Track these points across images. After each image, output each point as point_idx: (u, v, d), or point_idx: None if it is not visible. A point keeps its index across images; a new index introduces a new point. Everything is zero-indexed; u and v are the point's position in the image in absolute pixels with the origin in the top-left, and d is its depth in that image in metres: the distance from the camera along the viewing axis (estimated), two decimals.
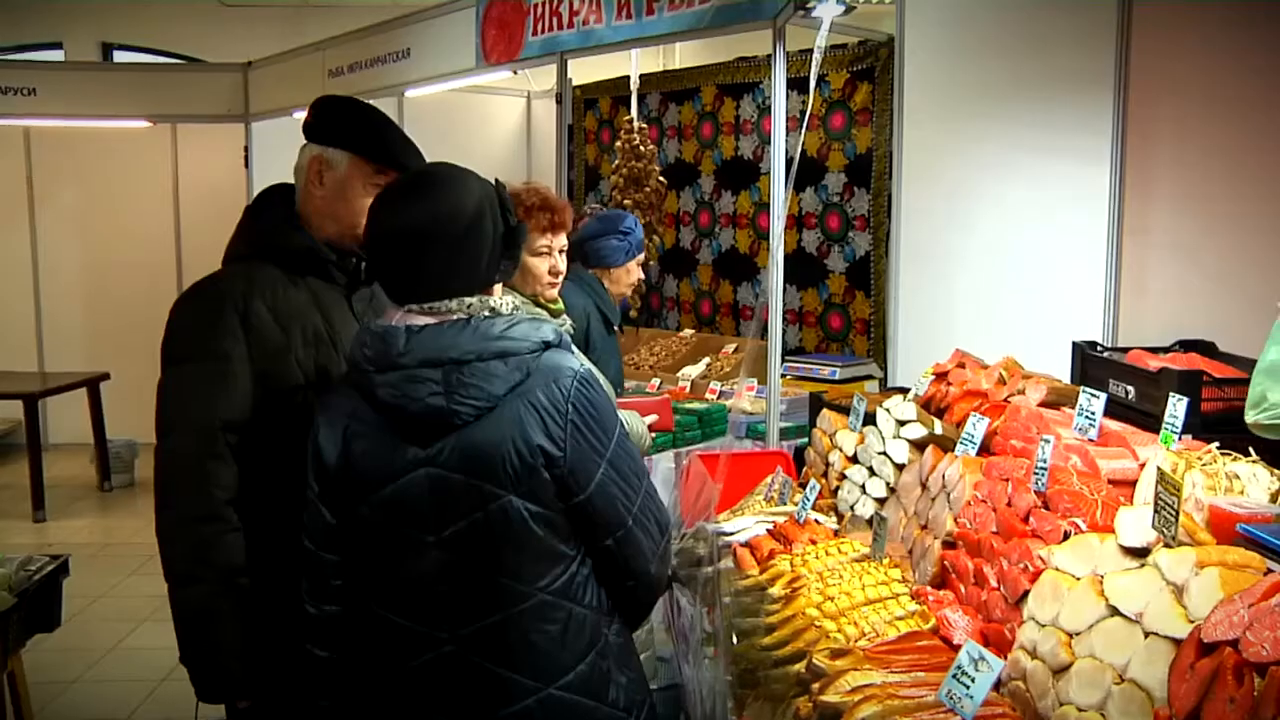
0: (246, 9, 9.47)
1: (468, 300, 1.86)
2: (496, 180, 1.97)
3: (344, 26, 7.64)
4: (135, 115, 8.74)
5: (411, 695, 1.88)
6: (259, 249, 2.34)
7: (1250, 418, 2.27)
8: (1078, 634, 1.81)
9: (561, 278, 3.01)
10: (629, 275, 4.15)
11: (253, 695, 2.22)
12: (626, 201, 6.16)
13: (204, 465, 2.16)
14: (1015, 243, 4.32)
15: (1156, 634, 1.65)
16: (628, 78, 6.71)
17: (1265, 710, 1.37)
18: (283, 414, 2.22)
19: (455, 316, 1.85)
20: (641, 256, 4.21)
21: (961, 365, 3.12)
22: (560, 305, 3.09)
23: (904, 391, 3.22)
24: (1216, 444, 2.21)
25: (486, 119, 8.21)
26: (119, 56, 9.96)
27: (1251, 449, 2.16)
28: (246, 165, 8.41)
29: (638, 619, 2.08)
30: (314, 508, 1.95)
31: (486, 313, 1.87)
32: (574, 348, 2.01)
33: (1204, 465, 2.12)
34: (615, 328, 4.10)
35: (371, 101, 2.45)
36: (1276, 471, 2.06)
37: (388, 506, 1.84)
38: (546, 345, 1.86)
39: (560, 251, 3.03)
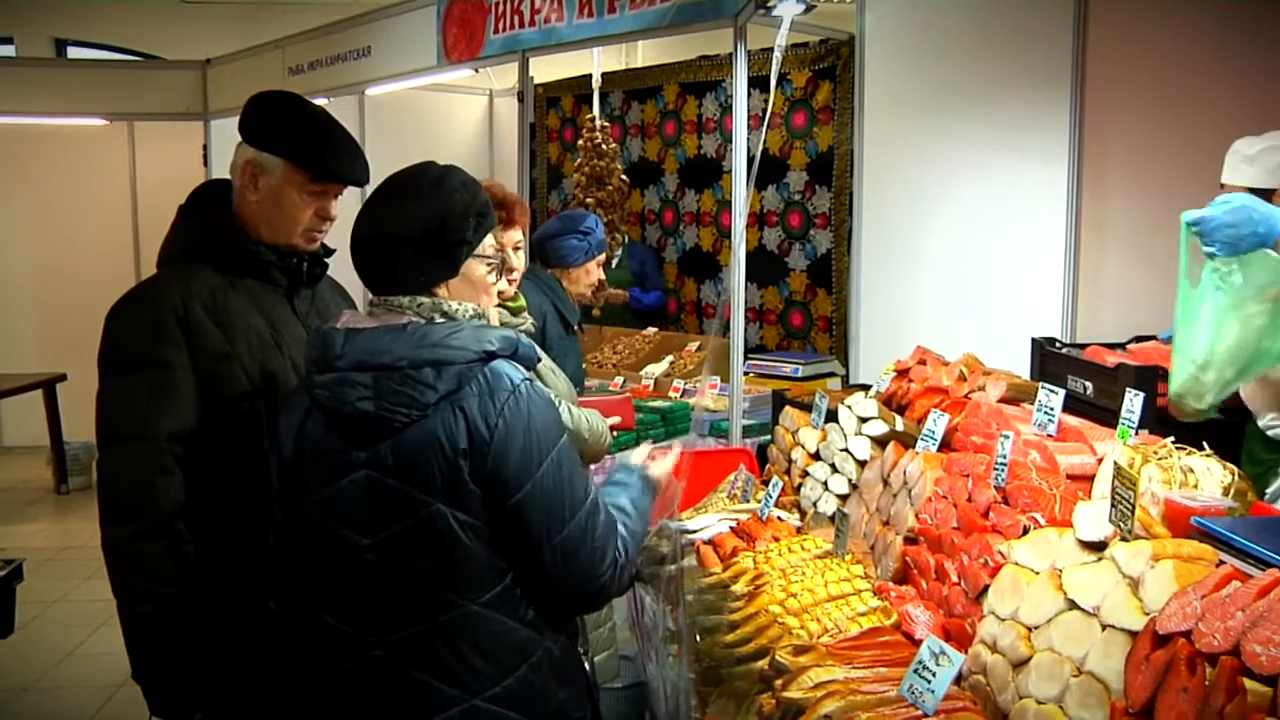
0: (205, 5, 9.39)
1: (420, 300, 1.85)
2: (467, 182, 1.94)
3: (304, 24, 7.57)
4: (91, 113, 8.62)
5: (341, 698, 1.87)
6: (195, 251, 2.26)
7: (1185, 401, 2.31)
8: (1037, 627, 1.82)
9: (518, 274, 2.97)
10: (588, 275, 4.13)
11: (206, 708, 2.18)
12: (589, 200, 6.16)
13: (150, 479, 2.10)
14: (975, 240, 4.36)
15: (1113, 626, 1.67)
16: (590, 76, 6.71)
17: (1216, 699, 1.39)
18: (229, 420, 2.17)
19: (405, 318, 1.83)
20: (602, 257, 4.19)
21: (922, 362, 3.14)
22: (521, 303, 3.06)
23: (866, 388, 3.23)
24: (1172, 438, 2.23)
25: (448, 117, 8.17)
26: (73, 53, 9.82)
27: (1205, 443, 2.19)
28: (206, 164, 8.32)
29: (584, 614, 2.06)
30: (275, 503, 1.94)
31: (438, 316, 1.85)
32: (536, 350, 1.97)
33: (1160, 459, 2.14)
34: (575, 327, 4.07)
35: (332, 99, 2.40)
36: (1229, 465, 2.09)
37: (327, 505, 1.83)
38: (490, 355, 1.82)
39: (515, 249, 2.99)
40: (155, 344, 2.13)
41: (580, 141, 6.40)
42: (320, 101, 6.68)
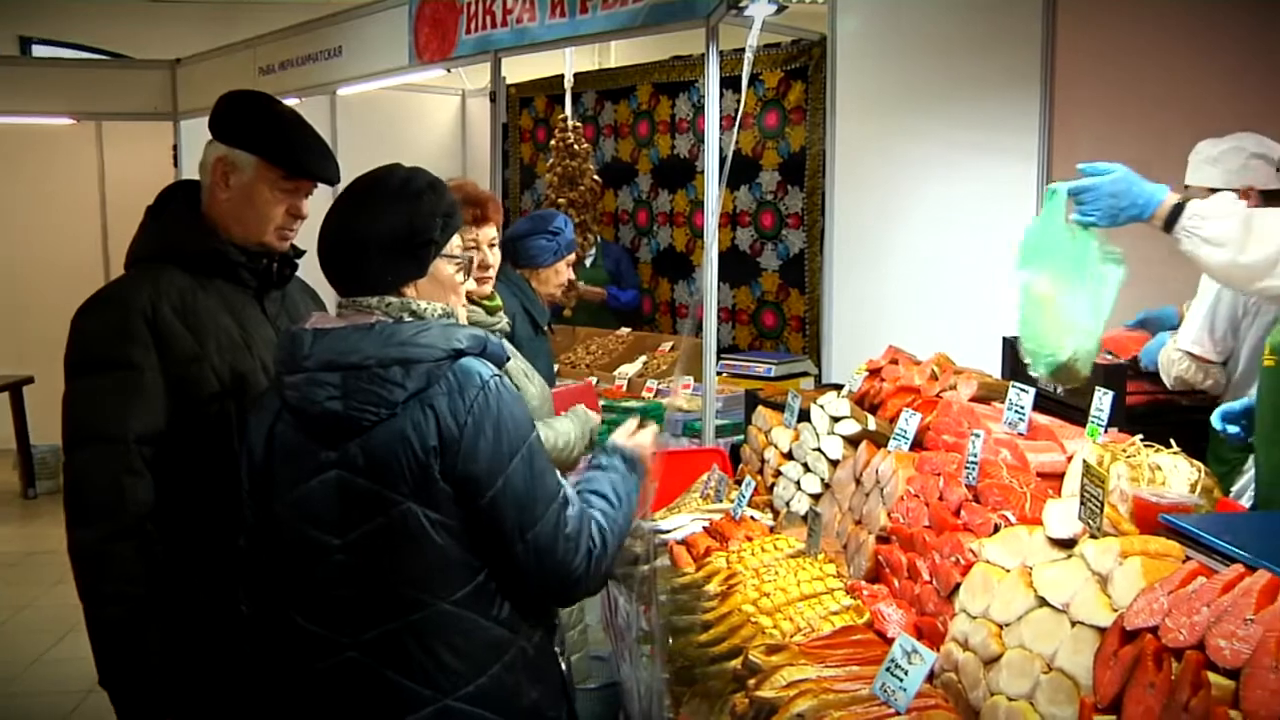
0: (174, 4, 9.29)
1: (388, 300, 1.85)
2: (434, 183, 1.94)
3: (275, 23, 7.52)
4: (58, 112, 8.51)
5: (313, 700, 1.86)
6: (163, 252, 2.23)
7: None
8: (1008, 625, 1.83)
9: (493, 271, 2.94)
10: (558, 276, 4.09)
11: (176, 713, 2.15)
12: (561, 200, 6.15)
13: (119, 482, 2.07)
14: (946, 239, 4.39)
15: (1083, 623, 1.68)
16: (563, 76, 6.70)
17: (1181, 693, 1.40)
18: (199, 422, 2.15)
19: (374, 318, 1.83)
20: (571, 257, 4.15)
21: (894, 361, 3.16)
22: (497, 302, 3.04)
23: (838, 388, 3.24)
24: (1140, 436, 2.25)
25: (421, 118, 8.14)
26: (38, 51, 9.69)
27: (1173, 440, 2.21)
28: (176, 164, 8.25)
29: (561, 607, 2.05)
30: (246, 505, 1.93)
31: (406, 316, 1.85)
32: (505, 348, 1.97)
33: (1128, 457, 2.16)
34: (545, 328, 4.06)
35: (304, 99, 2.39)
36: (1196, 463, 2.11)
37: (298, 506, 1.83)
38: (459, 353, 1.82)
39: (490, 245, 2.97)
40: (123, 345, 2.11)
41: (553, 142, 6.39)
42: (291, 102, 6.67)
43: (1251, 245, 2.16)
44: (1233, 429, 2.57)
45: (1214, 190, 2.83)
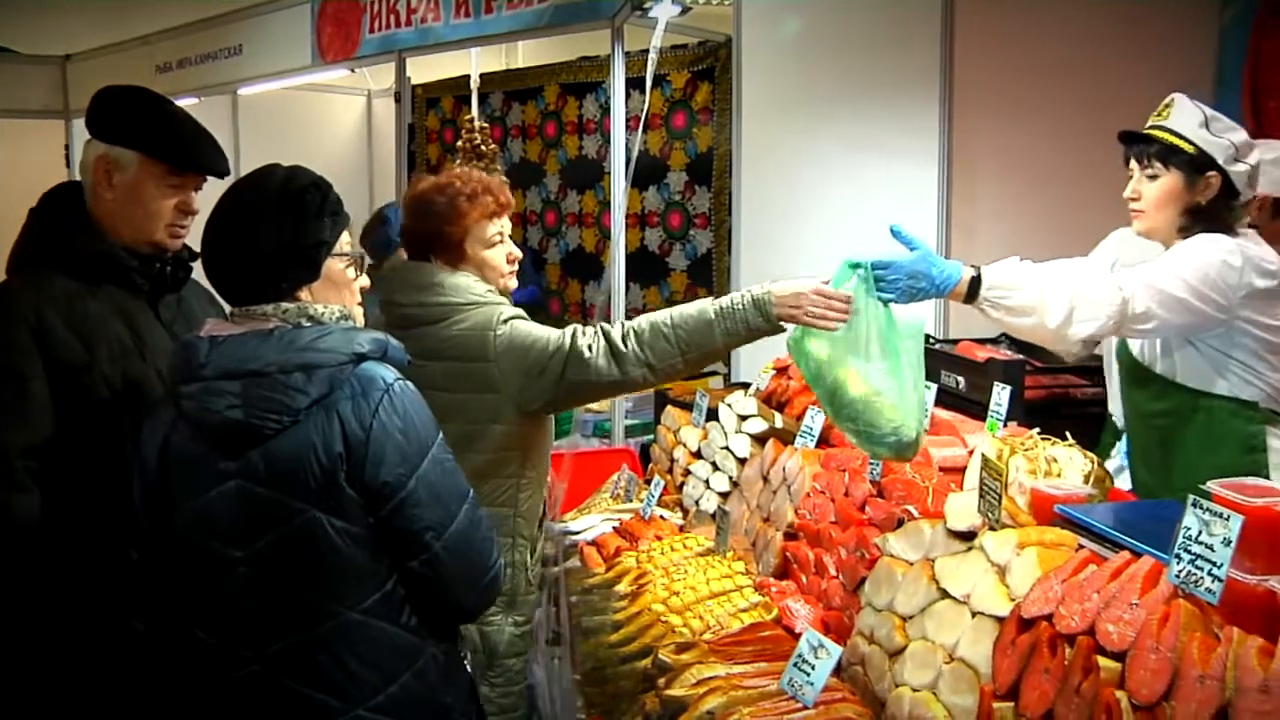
0: None
1: (284, 306, 1.81)
2: (318, 181, 1.89)
3: (172, 20, 7.31)
4: None
5: (219, 717, 1.82)
6: (47, 256, 2.14)
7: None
8: (911, 617, 1.87)
9: (519, 263, 2.66)
10: None
11: None
12: None
13: (4, 498, 1.99)
14: (850, 239, 4.42)
15: (982, 613, 1.72)
16: (469, 77, 6.65)
17: (1074, 677, 1.45)
18: (89, 432, 2.07)
19: (271, 325, 1.79)
20: None
21: None
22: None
23: (746, 387, 3.27)
24: (1037, 429, 2.31)
25: (325, 118, 8.01)
26: None
27: (1068, 433, 2.27)
28: (68, 165, 7.99)
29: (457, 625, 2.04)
30: (140, 518, 1.87)
31: (304, 321, 1.81)
32: (404, 351, 1.92)
33: (1026, 450, 2.21)
34: None
35: (203, 99, 2.31)
36: (1090, 454, 2.17)
37: (198, 519, 1.77)
38: (361, 357, 1.79)
39: (510, 237, 2.68)
40: (5, 354, 2.03)
41: (459, 143, 6.33)
42: (190, 101, 6.53)
43: (1050, 309, 2.25)
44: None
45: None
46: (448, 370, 2.33)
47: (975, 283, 2.28)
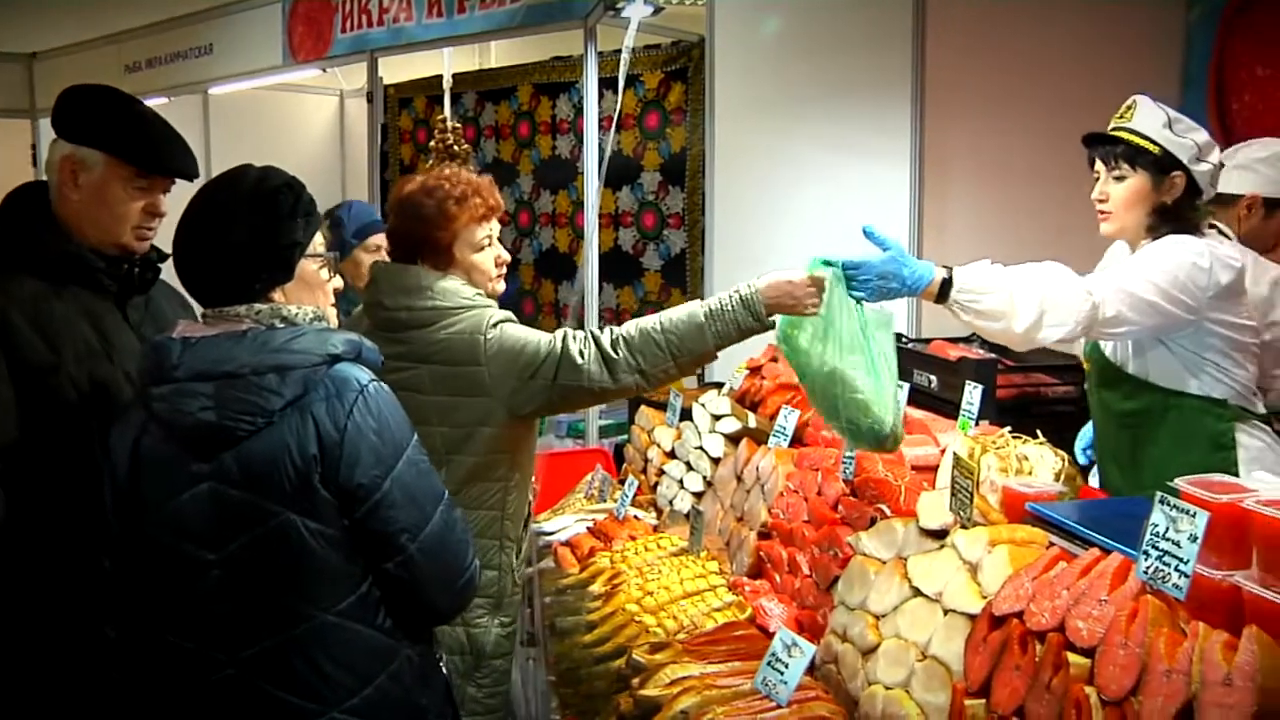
0: None
1: (257, 307, 1.79)
2: (290, 182, 1.88)
3: (142, 18, 7.25)
4: None
5: None
6: (12, 257, 2.10)
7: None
8: (884, 616, 1.88)
9: (506, 266, 2.60)
10: (358, 267, 3.64)
11: None
12: None
13: None
14: (823, 238, 4.44)
15: (954, 611, 1.73)
16: (442, 77, 6.63)
17: (1044, 673, 1.46)
18: (56, 435, 2.04)
19: (244, 326, 1.78)
20: (378, 240, 3.68)
21: (774, 359, 3.20)
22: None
23: (719, 387, 3.28)
24: (1008, 428, 2.33)
25: (297, 118, 7.96)
26: None
27: (1039, 431, 2.29)
28: (35, 164, 7.91)
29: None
30: (108, 523, 1.85)
31: (278, 322, 1.80)
32: (378, 352, 1.91)
33: (997, 449, 2.23)
34: None
35: (173, 99, 2.26)
36: (1060, 452, 2.19)
37: (170, 522, 1.76)
38: (335, 358, 1.77)
39: (498, 239, 2.61)
40: None
41: (432, 143, 6.32)
42: (160, 101, 6.48)
43: (1019, 315, 2.28)
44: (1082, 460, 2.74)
45: (1237, 197, 2.90)
46: (437, 374, 2.31)
47: (946, 284, 2.30)
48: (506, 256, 2.55)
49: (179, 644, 1.78)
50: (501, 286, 2.55)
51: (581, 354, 2.24)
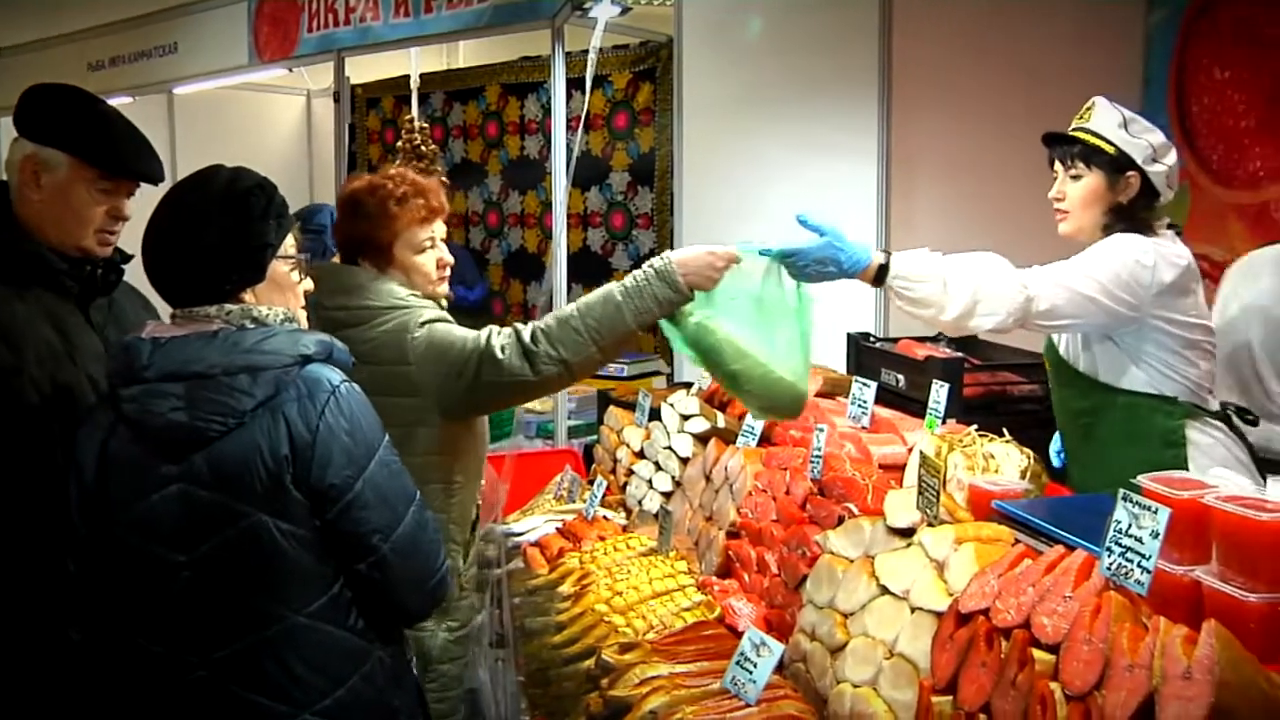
0: None
1: (227, 308, 1.78)
2: (262, 183, 1.87)
3: (105, 16, 7.17)
4: None
5: None
6: None
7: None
8: (852, 614, 1.88)
9: (450, 269, 2.61)
10: None
11: None
12: None
13: None
14: (792, 237, 4.47)
15: (921, 609, 1.74)
16: (410, 76, 6.61)
17: (1010, 670, 1.47)
18: (18, 438, 2.01)
19: (214, 326, 1.76)
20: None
21: None
22: (445, 305, 2.82)
23: (688, 386, 3.28)
24: (975, 426, 2.34)
25: (264, 118, 7.90)
26: None
27: (1005, 429, 2.30)
28: None
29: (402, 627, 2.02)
30: (73, 526, 1.83)
31: (248, 323, 1.79)
32: (349, 353, 1.90)
33: (964, 447, 2.24)
34: None
35: (137, 99, 2.23)
36: (1026, 450, 2.21)
37: (139, 524, 1.75)
38: (306, 359, 1.77)
39: (444, 241, 2.63)
40: None
41: (399, 143, 6.30)
42: (124, 100, 6.42)
43: (950, 303, 2.33)
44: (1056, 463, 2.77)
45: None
46: (370, 374, 2.30)
47: (884, 269, 2.36)
48: (450, 259, 2.56)
49: (149, 647, 1.77)
50: (444, 289, 2.55)
51: (503, 349, 2.23)
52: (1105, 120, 2.47)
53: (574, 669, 2.23)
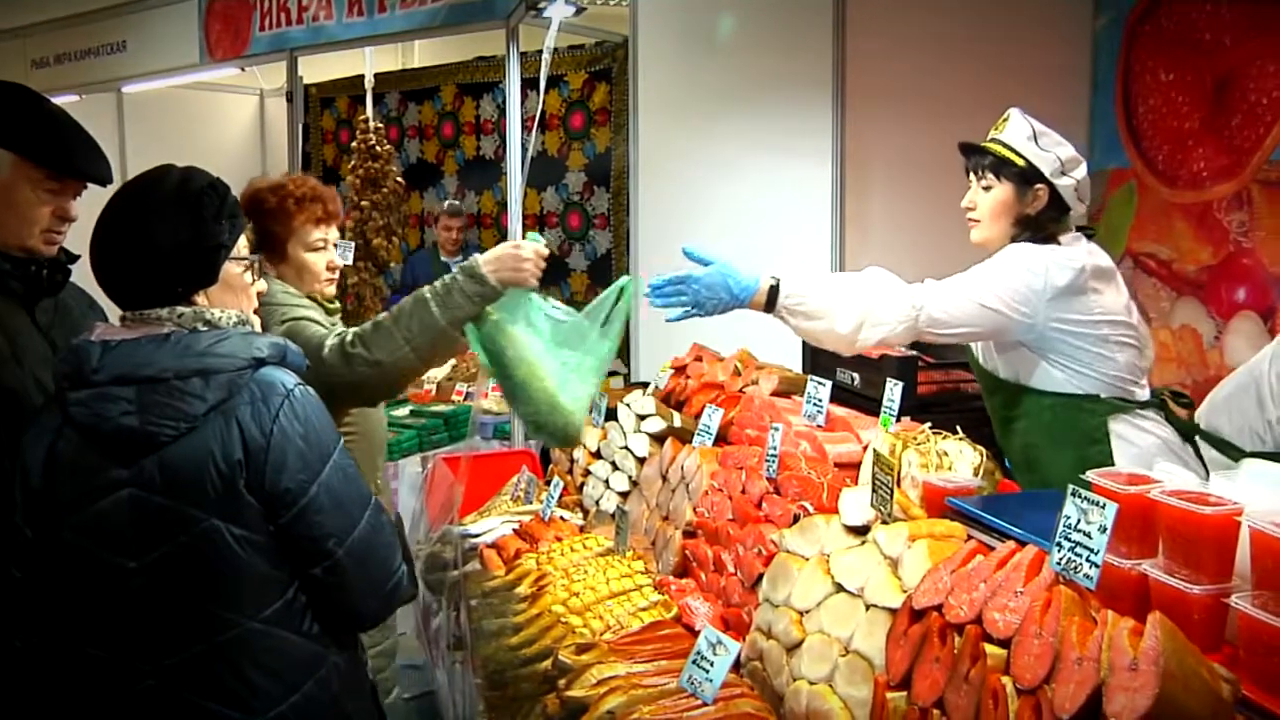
0: None
1: (179, 310, 1.76)
2: (214, 183, 1.85)
3: (50, 12, 7.06)
4: None
5: None
6: None
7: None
8: (808, 612, 1.89)
9: (338, 272, 2.79)
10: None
11: None
12: (364, 203, 6.02)
13: None
14: (747, 238, 4.50)
15: (876, 606, 1.75)
16: (364, 76, 6.56)
17: (963, 665, 1.48)
18: None
19: (166, 329, 1.74)
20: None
21: (699, 359, 3.22)
22: (337, 305, 2.88)
23: (644, 386, 3.28)
24: (929, 424, 2.36)
25: (216, 117, 7.81)
26: None
27: (959, 427, 2.33)
28: None
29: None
30: (18, 531, 1.80)
31: (201, 325, 1.77)
32: (303, 356, 1.89)
33: (918, 445, 2.26)
34: None
35: (84, 97, 2.20)
36: (979, 447, 2.23)
37: (88, 529, 1.72)
38: (260, 362, 1.75)
39: (335, 245, 2.80)
40: None
41: (354, 144, 6.26)
42: (70, 99, 6.32)
43: (841, 315, 2.39)
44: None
45: None
46: None
47: (774, 292, 2.38)
48: (340, 262, 2.74)
49: (98, 655, 1.74)
50: (332, 290, 2.74)
51: (329, 350, 2.34)
52: (1017, 132, 2.51)
53: (531, 670, 2.23)
